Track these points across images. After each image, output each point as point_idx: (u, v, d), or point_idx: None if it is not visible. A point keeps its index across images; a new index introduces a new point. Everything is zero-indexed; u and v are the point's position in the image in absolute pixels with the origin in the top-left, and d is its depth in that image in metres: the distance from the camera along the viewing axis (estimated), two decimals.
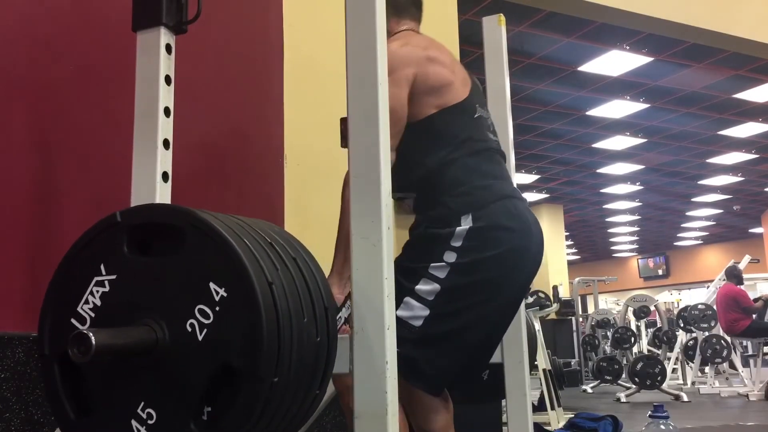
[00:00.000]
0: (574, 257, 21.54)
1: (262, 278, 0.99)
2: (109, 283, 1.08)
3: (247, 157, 2.43)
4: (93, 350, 0.93)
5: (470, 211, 1.53)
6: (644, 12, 5.30)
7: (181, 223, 1.04)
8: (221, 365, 0.98)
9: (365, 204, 1.17)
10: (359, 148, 1.19)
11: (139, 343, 1.00)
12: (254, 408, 0.97)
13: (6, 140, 1.76)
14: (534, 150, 10.21)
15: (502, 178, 1.65)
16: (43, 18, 1.89)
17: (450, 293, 1.49)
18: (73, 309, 1.09)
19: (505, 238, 1.53)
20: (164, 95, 1.46)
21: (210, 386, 0.99)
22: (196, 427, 0.99)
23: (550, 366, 5.20)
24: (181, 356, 1.01)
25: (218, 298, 0.99)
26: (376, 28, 1.21)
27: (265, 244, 1.07)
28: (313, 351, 1.07)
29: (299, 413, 1.09)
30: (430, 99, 1.59)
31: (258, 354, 0.96)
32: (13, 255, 1.73)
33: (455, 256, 1.50)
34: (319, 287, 1.12)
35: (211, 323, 0.99)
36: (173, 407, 1.00)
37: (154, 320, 1.02)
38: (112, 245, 1.09)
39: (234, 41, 2.42)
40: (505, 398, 1.86)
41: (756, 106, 8.56)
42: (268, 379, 0.97)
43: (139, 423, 1.02)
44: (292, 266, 1.09)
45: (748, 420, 5.28)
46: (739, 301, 7.21)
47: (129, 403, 1.03)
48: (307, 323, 1.06)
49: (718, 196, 13.94)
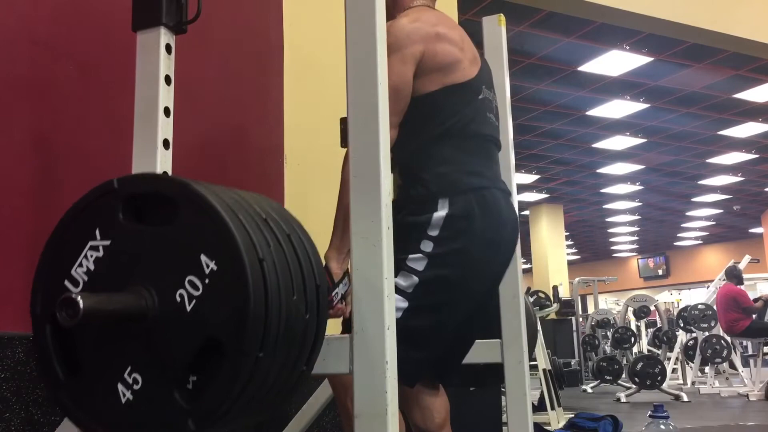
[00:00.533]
0: (574, 257, 21.54)
1: (252, 254, 1.00)
2: (103, 248, 1.09)
3: (247, 157, 2.43)
4: (81, 314, 0.95)
5: (448, 196, 1.53)
6: (644, 12, 5.31)
7: (176, 194, 1.05)
8: (207, 337, 0.99)
9: (365, 204, 1.17)
10: (359, 148, 1.19)
11: (128, 309, 1.01)
12: (237, 382, 0.98)
13: (6, 140, 1.77)
14: (534, 150, 10.21)
15: (488, 167, 1.65)
16: (43, 18, 1.89)
17: (428, 285, 1.50)
18: (67, 271, 1.11)
19: (478, 228, 1.54)
20: (164, 95, 1.45)
21: (196, 357, 1.00)
22: (180, 397, 1.00)
23: (550, 366, 5.21)
24: (169, 325, 1.02)
25: (208, 271, 1.00)
26: (376, 28, 1.20)
27: (260, 220, 1.07)
28: (301, 328, 1.07)
29: (284, 389, 1.10)
30: (436, 76, 1.58)
31: (243, 329, 0.96)
32: (13, 255, 1.73)
33: (432, 245, 1.51)
34: (312, 265, 1.13)
35: (199, 295, 1.00)
36: (159, 375, 1.02)
37: (145, 287, 1.03)
38: (108, 211, 1.10)
39: (234, 41, 2.42)
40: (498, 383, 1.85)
41: (756, 106, 8.56)
42: (252, 355, 0.97)
43: (125, 387, 1.04)
44: (286, 243, 1.09)
45: (748, 420, 5.28)
46: (738, 301, 7.21)
47: (116, 367, 1.05)
48: (297, 300, 1.06)
49: (718, 196, 13.94)
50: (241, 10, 2.47)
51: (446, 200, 1.53)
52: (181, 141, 1.55)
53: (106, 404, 1.05)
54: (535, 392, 4.95)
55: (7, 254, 1.71)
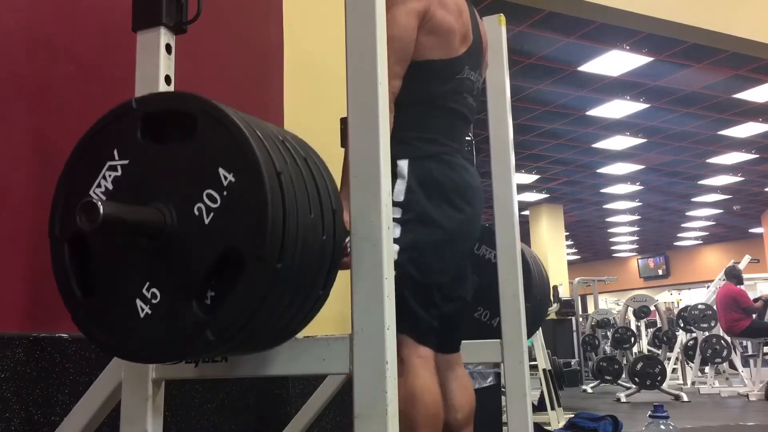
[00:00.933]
0: (574, 257, 21.54)
1: (271, 167, 1.00)
2: (121, 167, 1.10)
3: None
4: (101, 219, 0.95)
5: (406, 157, 1.56)
6: (644, 12, 5.31)
7: (194, 110, 1.07)
8: (226, 248, 1.00)
9: (365, 204, 1.17)
10: (359, 148, 1.19)
11: (147, 222, 1.02)
12: (256, 293, 0.98)
13: (6, 140, 1.76)
14: (534, 150, 10.21)
15: (451, 138, 1.67)
16: (43, 18, 1.89)
17: (409, 252, 1.52)
18: (85, 191, 1.12)
19: (434, 194, 1.57)
20: None
21: (214, 270, 1.01)
22: (199, 309, 1.01)
23: (550, 366, 5.21)
24: (188, 239, 1.03)
25: (226, 183, 1.01)
26: (376, 28, 1.20)
27: (277, 141, 1.08)
28: (318, 247, 1.08)
29: (301, 311, 1.10)
30: (426, 41, 1.60)
31: (262, 238, 0.97)
32: (13, 255, 1.73)
33: (401, 212, 1.53)
34: (328, 188, 1.14)
35: (218, 207, 1.01)
36: (177, 288, 1.03)
37: (163, 203, 1.05)
38: (126, 131, 1.11)
39: (234, 41, 2.42)
40: None
41: (756, 106, 8.56)
42: (271, 263, 0.98)
43: (143, 302, 1.05)
44: (302, 164, 1.10)
45: (748, 420, 5.28)
46: (738, 301, 7.21)
47: (134, 283, 1.06)
48: (314, 219, 1.07)
49: (718, 196, 13.94)
50: (241, 10, 2.47)
51: (406, 162, 1.56)
52: None
53: (124, 320, 1.06)
54: (535, 392, 4.95)
55: (6, 254, 1.71)
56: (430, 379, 1.49)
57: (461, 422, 1.60)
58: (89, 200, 0.97)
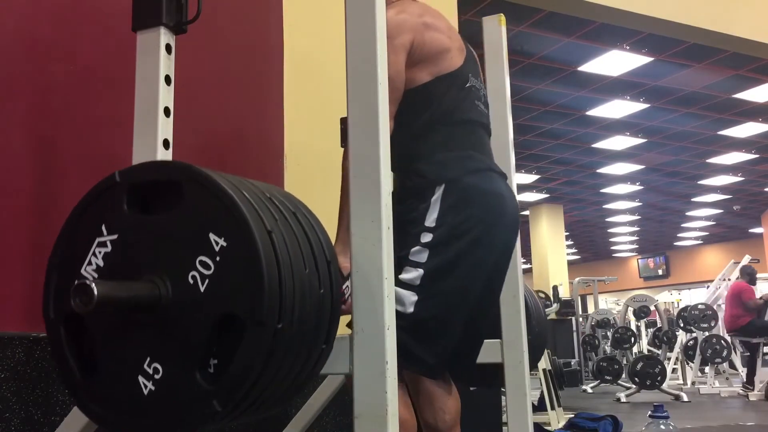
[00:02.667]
0: (574, 257, 21.54)
1: (260, 226, 1.00)
2: (111, 243, 1.09)
3: (247, 157, 2.43)
4: (95, 300, 0.94)
5: (444, 182, 1.54)
6: (644, 12, 5.31)
7: (179, 177, 1.06)
8: (224, 314, 0.99)
9: (365, 204, 1.17)
10: (359, 148, 1.19)
11: (141, 297, 1.01)
12: (258, 356, 0.97)
13: (6, 140, 1.76)
14: (534, 150, 10.21)
15: (481, 152, 1.66)
16: (43, 18, 1.89)
17: (434, 274, 1.51)
18: (77, 271, 1.11)
19: (478, 211, 1.55)
20: (164, 95, 1.45)
21: (215, 337, 1.00)
22: (202, 379, 0.99)
23: (550, 366, 5.21)
24: (185, 309, 1.01)
25: (218, 248, 1.00)
26: (376, 28, 1.20)
27: (264, 198, 1.07)
28: (316, 302, 1.07)
29: (305, 368, 1.09)
30: (426, 66, 1.60)
31: (260, 300, 0.96)
32: (14, 255, 1.73)
33: (431, 236, 1.52)
34: (321, 241, 1.13)
35: (212, 273, 1.00)
36: (179, 360, 1.01)
37: (156, 275, 1.03)
38: (112, 205, 1.11)
39: (234, 41, 2.42)
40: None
41: (756, 106, 8.56)
42: (271, 325, 0.97)
43: (145, 378, 1.03)
44: (292, 219, 1.09)
45: (748, 420, 5.28)
46: (742, 297, 7.19)
47: (135, 359, 1.04)
48: (309, 274, 1.06)
49: (718, 196, 13.94)
50: (241, 10, 2.47)
51: (442, 186, 1.54)
52: (181, 141, 1.55)
53: (127, 399, 1.04)
54: (535, 392, 4.95)
55: (6, 255, 1.71)
56: (403, 408, 1.45)
57: (449, 423, 1.60)
58: (83, 282, 0.96)
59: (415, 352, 1.48)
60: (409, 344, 1.45)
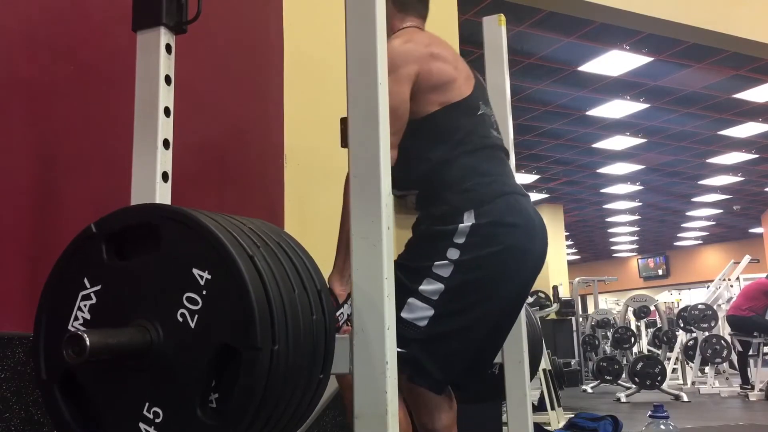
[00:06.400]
0: (574, 257, 21.53)
1: (242, 252, 1.00)
2: (95, 294, 1.09)
3: (247, 157, 2.43)
4: (88, 350, 0.94)
5: (472, 208, 1.52)
6: (644, 12, 5.30)
7: (154, 218, 1.06)
8: (218, 346, 0.98)
9: (365, 204, 1.17)
10: (359, 148, 1.19)
11: (133, 342, 1.00)
12: (259, 380, 0.96)
13: (6, 140, 1.76)
14: (534, 150, 10.20)
15: (505, 174, 1.64)
16: (43, 18, 1.89)
17: (454, 292, 1.49)
18: (64, 328, 1.10)
19: (507, 234, 1.53)
20: (164, 95, 1.45)
21: (211, 372, 0.99)
22: (203, 415, 0.99)
23: (550, 366, 5.20)
24: (178, 348, 1.01)
25: (203, 282, 1.00)
26: (376, 28, 1.20)
27: (245, 229, 1.08)
28: (310, 328, 1.07)
29: (305, 398, 1.09)
30: (433, 96, 1.58)
31: (252, 324, 0.96)
32: (14, 255, 1.73)
33: (458, 253, 1.49)
34: (309, 269, 1.13)
35: (200, 308, 1.00)
36: (179, 401, 1.00)
37: (146, 319, 1.03)
38: (92, 257, 1.10)
39: (234, 41, 2.42)
40: (505, 399, 1.86)
41: (756, 106, 8.56)
42: (267, 348, 0.97)
43: (146, 424, 1.02)
44: (276, 247, 1.09)
45: (748, 420, 5.28)
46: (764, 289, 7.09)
47: (134, 407, 1.03)
48: (299, 296, 1.06)
49: (718, 196, 13.93)
50: (241, 10, 2.47)
51: (471, 212, 1.52)
52: (181, 141, 1.55)
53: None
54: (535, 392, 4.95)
55: (6, 255, 1.71)
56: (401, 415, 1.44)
57: (446, 423, 1.60)
58: (74, 333, 0.95)
59: (425, 366, 1.48)
60: (419, 357, 1.45)
